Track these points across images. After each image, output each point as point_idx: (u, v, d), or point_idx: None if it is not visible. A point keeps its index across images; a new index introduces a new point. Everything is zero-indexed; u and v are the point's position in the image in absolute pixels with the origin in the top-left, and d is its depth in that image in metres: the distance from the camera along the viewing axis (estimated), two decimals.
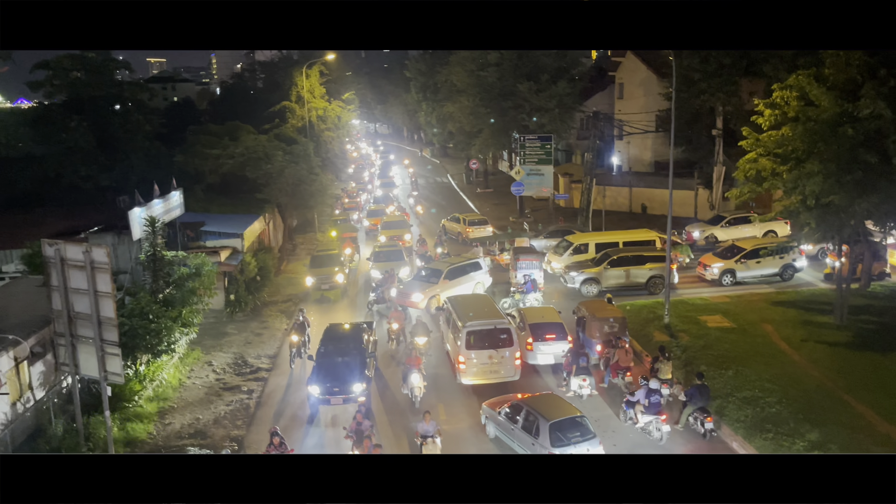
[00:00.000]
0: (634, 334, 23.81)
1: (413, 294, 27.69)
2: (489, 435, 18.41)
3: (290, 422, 19.67)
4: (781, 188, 23.03)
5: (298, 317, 24.06)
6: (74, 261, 15.62)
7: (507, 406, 17.64)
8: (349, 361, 20.25)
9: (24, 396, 17.13)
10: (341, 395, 19.51)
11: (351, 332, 22.72)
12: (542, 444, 15.90)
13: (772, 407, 18.17)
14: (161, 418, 19.79)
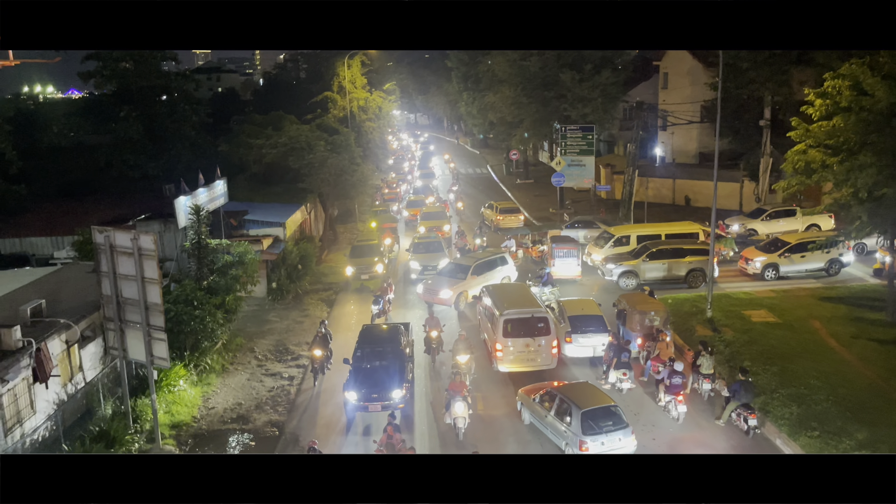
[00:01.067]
0: (676, 328, 23.45)
1: (441, 290, 27.06)
2: (524, 421, 18.60)
3: (329, 417, 19.16)
4: (831, 180, 22.38)
5: (320, 329, 21.95)
6: (123, 247, 16.01)
7: (541, 393, 17.90)
8: (388, 366, 19.30)
9: (74, 378, 17.66)
10: (380, 401, 18.35)
11: (388, 333, 21.36)
12: (573, 432, 16.01)
13: (818, 405, 17.73)
14: (205, 402, 20.22)
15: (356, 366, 19.56)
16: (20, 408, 15.31)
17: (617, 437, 15.90)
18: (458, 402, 17.39)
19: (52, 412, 16.27)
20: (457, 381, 18.15)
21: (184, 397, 19.57)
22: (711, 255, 25.04)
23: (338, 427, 18.57)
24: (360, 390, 18.54)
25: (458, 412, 17.36)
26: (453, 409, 17.43)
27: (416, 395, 20.09)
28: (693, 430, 17.76)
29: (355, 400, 18.51)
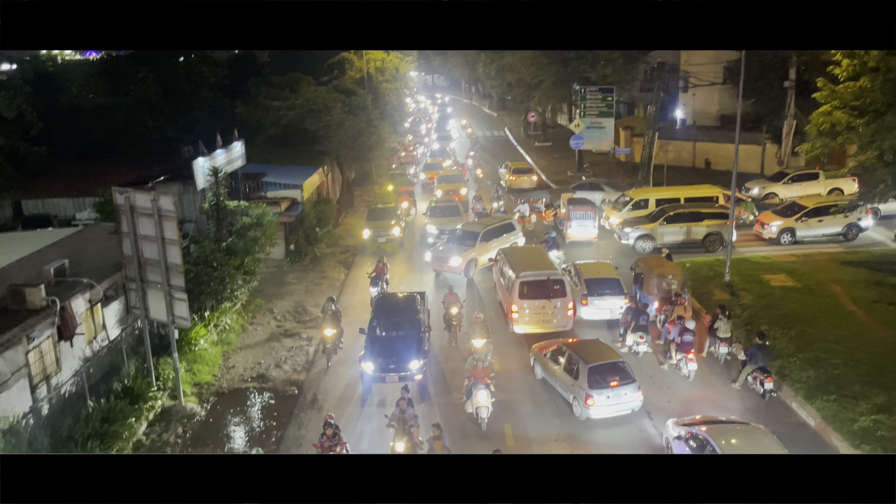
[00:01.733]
0: (694, 292, 23.38)
1: (451, 258, 26.54)
2: (537, 376, 19.04)
3: (345, 388, 18.91)
4: (856, 143, 21.97)
5: (330, 306, 20.65)
6: (143, 208, 16.16)
7: (552, 349, 18.30)
8: (404, 336, 18.95)
9: (98, 337, 18.00)
10: (397, 372, 18.00)
11: (404, 303, 20.87)
12: (580, 386, 16.47)
13: (836, 368, 17.68)
14: (225, 361, 20.57)
15: (372, 336, 19.14)
16: (46, 365, 15.67)
17: (623, 393, 16.34)
18: (481, 390, 16.22)
19: (77, 369, 16.64)
20: (478, 367, 16.90)
21: (204, 356, 19.91)
22: (731, 219, 24.80)
23: (354, 398, 18.37)
24: (376, 361, 18.19)
25: (480, 401, 16.19)
26: (475, 398, 16.27)
27: (433, 372, 19.44)
28: (708, 392, 17.82)
29: (372, 371, 18.16)
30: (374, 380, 18.26)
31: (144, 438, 16.39)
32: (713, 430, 13.98)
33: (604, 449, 15.66)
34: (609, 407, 16.36)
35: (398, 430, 14.48)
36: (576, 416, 16.98)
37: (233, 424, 17.32)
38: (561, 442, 16.00)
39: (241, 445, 16.35)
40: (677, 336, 18.66)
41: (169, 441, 16.39)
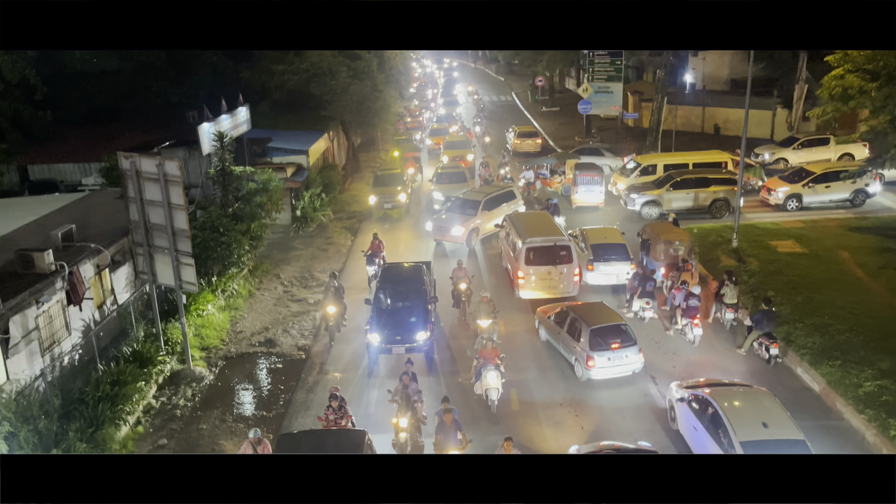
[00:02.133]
0: (701, 258, 23.33)
1: (452, 228, 26.07)
2: (541, 338, 19.33)
3: (350, 358, 18.73)
4: (868, 107, 21.70)
5: (332, 283, 19.91)
6: (149, 173, 16.13)
7: (556, 312, 18.55)
8: (411, 307, 18.59)
9: (106, 302, 18.13)
10: (404, 343, 17.67)
11: (410, 273, 20.45)
12: (582, 348, 16.69)
13: (842, 334, 17.69)
14: (233, 326, 20.71)
15: (377, 307, 18.80)
16: (55, 329, 15.80)
17: (624, 355, 16.57)
18: (491, 371, 15.56)
19: (86, 334, 16.78)
20: (488, 347, 16.18)
21: (212, 321, 20.05)
22: (740, 185, 24.61)
23: (360, 369, 18.20)
24: (382, 332, 17.83)
25: (490, 383, 15.54)
26: (485, 380, 15.60)
27: (441, 351, 18.85)
28: (713, 357, 17.88)
29: (378, 342, 17.80)
30: (381, 351, 17.93)
31: (154, 401, 16.60)
32: (715, 392, 14.05)
33: (608, 413, 15.79)
34: (610, 368, 16.59)
35: (401, 405, 14.16)
36: (577, 377, 17.14)
37: (241, 388, 17.51)
38: (566, 406, 16.13)
39: (250, 409, 16.54)
40: (683, 301, 18.69)
41: (178, 404, 16.59)
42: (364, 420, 15.56)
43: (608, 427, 15.23)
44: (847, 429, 14.81)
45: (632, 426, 15.23)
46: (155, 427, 15.74)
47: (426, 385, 16.76)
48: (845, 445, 14.21)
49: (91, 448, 13.59)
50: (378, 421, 15.48)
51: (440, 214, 27.39)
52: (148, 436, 15.42)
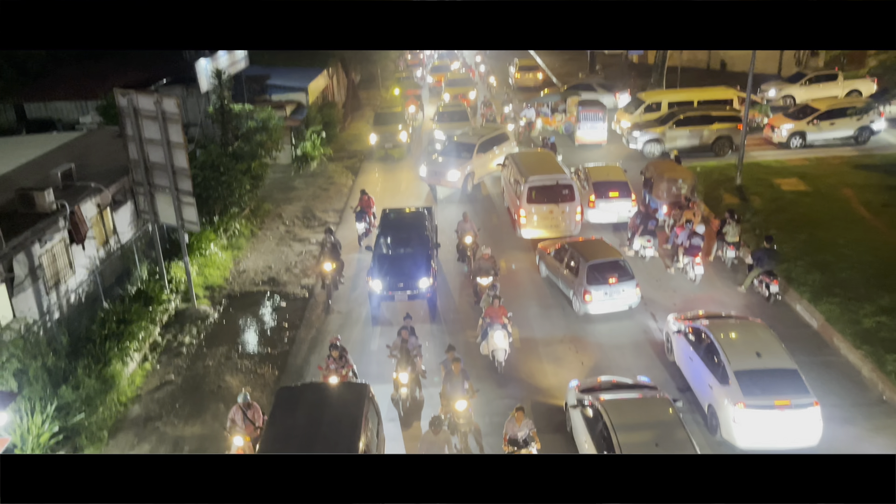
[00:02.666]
0: (704, 197, 23.23)
1: (448, 172, 25.16)
2: (542, 274, 19.55)
3: (352, 306, 18.35)
4: None
5: (328, 238, 19.02)
6: (147, 111, 15.92)
7: (556, 248, 18.69)
8: (413, 253, 18.13)
9: (109, 241, 18.16)
10: (407, 290, 17.35)
11: (412, 218, 19.94)
12: (580, 283, 16.89)
13: (843, 272, 17.75)
14: (235, 265, 20.81)
15: (379, 253, 18.39)
16: (59, 268, 15.88)
17: (621, 289, 16.75)
18: (497, 331, 14.90)
19: (90, 272, 16.88)
20: (495, 305, 15.36)
21: (215, 261, 20.13)
22: (745, 123, 24.29)
23: (362, 318, 17.91)
24: (384, 279, 17.41)
25: (497, 343, 14.89)
26: (492, 340, 14.97)
27: (445, 309, 18.02)
28: (713, 295, 17.99)
29: (380, 289, 17.40)
30: (383, 299, 17.60)
31: (160, 339, 16.82)
32: (711, 323, 14.24)
33: (608, 349, 15.99)
34: (606, 303, 16.81)
35: (401, 360, 13.89)
36: (574, 311, 17.34)
37: (245, 326, 17.70)
38: (566, 343, 16.32)
39: (255, 346, 16.75)
40: (685, 240, 18.70)
41: (184, 342, 16.80)
42: (367, 369, 15.34)
43: (608, 362, 15.45)
44: (843, 364, 15.01)
45: (631, 362, 15.44)
46: (162, 364, 15.99)
47: (429, 333, 16.81)
48: (841, 380, 14.43)
49: (100, 384, 13.82)
50: (381, 371, 15.10)
51: (435, 158, 26.40)
52: (155, 372, 15.67)
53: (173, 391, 15.01)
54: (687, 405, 13.58)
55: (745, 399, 12.24)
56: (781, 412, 12.14)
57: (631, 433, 10.93)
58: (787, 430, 12.20)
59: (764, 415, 12.15)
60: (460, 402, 12.78)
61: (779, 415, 12.14)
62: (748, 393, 12.30)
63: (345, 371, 13.91)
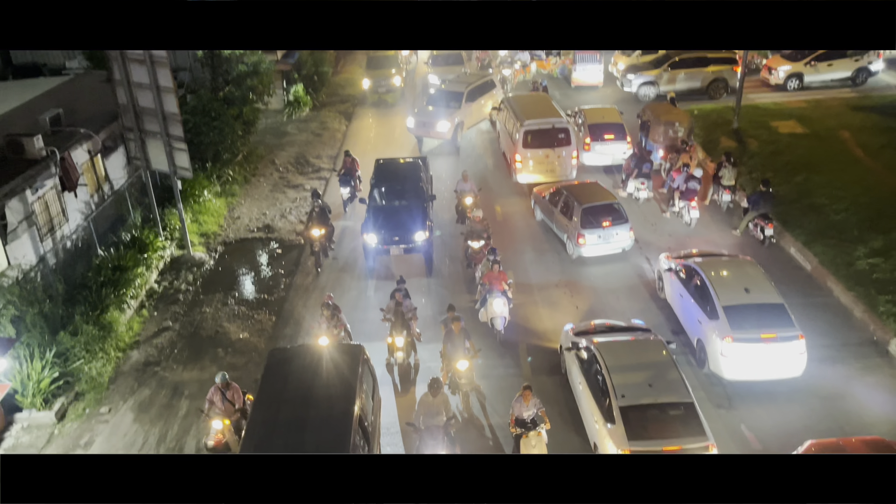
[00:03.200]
0: (701, 140, 23.05)
1: (438, 123, 24.10)
2: (536, 218, 19.57)
3: (346, 261, 17.91)
4: None
5: (315, 202, 17.90)
6: (134, 55, 15.57)
7: (551, 191, 18.68)
8: (408, 205, 17.62)
9: (101, 188, 18.01)
10: (402, 244, 16.97)
11: (406, 168, 19.29)
12: (574, 226, 16.98)
13: (838, 214, 17.76)
14: (230, 212, 20.71)
15: (373, 206, 17.87)
16: (52, 215, 15.78)
17: (614, 233, 16.86)
18: (497, 298, 14.18)
19: (83, 219, 16.78)
20: (494, 270, 14.63)
21: (209, 207, 20.02)
22: (743, 65, 23.95)
23: (356, 272, 17.54)
24: (379, 232, 17.02)
25: (496, 310, 14.19)
26: (490, 307, 14.28)
27: (442, 273, 17.16)
28: (708, 239, 18.03)
29: (375, 243, 17.02)
30: (378, 252, 17.22)
31: (157, 286, 16.84)
32: (702, 261, 14.45)
33: (602, 293, 16.08)
34: (600, 246, 16.92)
35: (395, 323, 13.38)
36: (569, 255, 17.42)
37: (241, 272, 17.72)
38: (561, 287, 16.41)
39: (252, 292, 16.80)
40: (682, 184, 18.63)
41: (180, 288, 16.84)
42: (361, 328, 14.82)
43: (602, 306, 15.56)
44: (836, 305, 15.16)
45: (625, 305, 15.56)
46: (159, 310, 16.05)
47: (426, 289, 16.58)
48: (833, 321, 14.59)
49: (98, 330, 13.90)
50: (375, 329, 14.57)
51: (422, 108, 25.34)
52: (153, 319, 15.74)
53: (171, 337, 15.11)
54: (680, 347, 13.76)
55: (732, 333, 12.54)
56: (767, 345, 12.45)
57: (624, 374, 11.08)
58: (773, 363, 12.56)
59: (751, 348, 12.47)
60: (462, 362, 12.47)
61: (765, 348, 12.46)
62: (736, 327, 12.59)
63: (337, 331, 13.43)
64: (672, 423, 10.42)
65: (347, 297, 16.24)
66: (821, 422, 11.93)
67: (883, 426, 11.72)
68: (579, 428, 11.93)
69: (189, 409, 12.89)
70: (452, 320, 12.88)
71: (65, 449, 12.04)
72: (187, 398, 13.20)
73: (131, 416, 12.76)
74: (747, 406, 12.44)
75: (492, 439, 12.11)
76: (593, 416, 11.14)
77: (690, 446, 10.08)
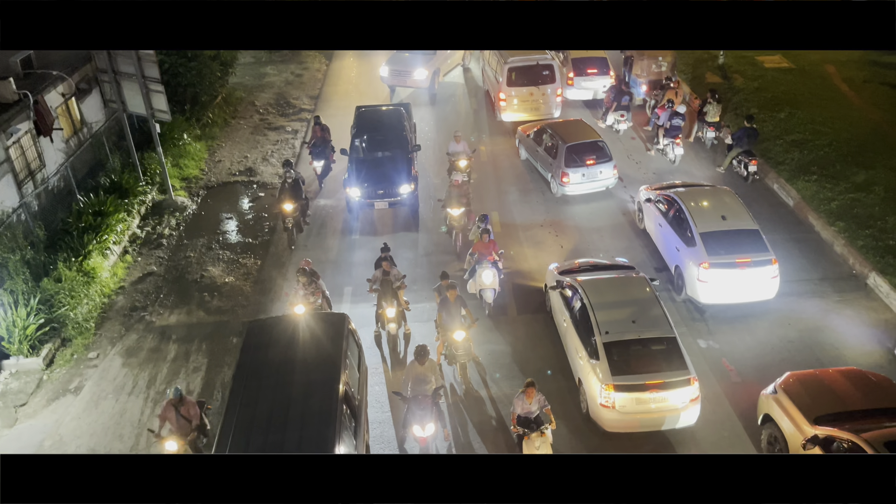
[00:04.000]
0: (685, 75, 22.84)
1: (415, 70, 22.80)
2: (521, 157, 19.50)
3: (327, 215, 17.12)
4: None
5: (288, 173, 16.13)
6: None
7: (535, 129, 18.59)
8: (392, 156, 16.85)
9: (78, 132, 17.63)
10: (387, 198, 16.29)
11: (388, 116, 18.31)
12: (558, 164, 17.00)
13: (821, 149, 17.82)
14: (211, 156, 20.41)
15: (355, 157, 16.98)
16: (29, 161, 15.48)
17: (598, 171, 16.93)
18: (487, 269, 13.27)
19: (61, 165, 16.48)
20: (484, 239, 13.73)
21: (190, 151, 19.70)
22: None
23: (339, 227, 16.77)
24: (362, 186, 16.24)
25: (485, 282, 13.29)
26: (480, 279, 13.38)
27: (431, 243, 15.94)
28: (692, 177, 18.05)
29: (358, 197, 16.30)
30: (362, 207, 16.51)
31: (139, 231, 16.70)
32: (680, 191, 14.74)
33: (586, 232, 16.16)
34: (583, 184, 16.99)
35: (383, 293, 12.59)
36: (552, 193, 17.44)
37: (225, 216, 17.58)
38: (546, 227, 16.46)
39: (236, 236, 16.71)
40: (667, 121, 18.55)
41: (164, 233, 16.72)
42: (341, 299, 14.17)
43: (586, 245, 15.66)
44: (817, 241, 15.35)
45: (610, 244, 15.67)
46: (143, 256, 15.96)
47: (413, 243, 15.93)
48: (813, 256, 14.81)
49: (81, 276, 13.82)
50: (362, 293, 13.94)
51: (397, 56, 23.67)
52: (137, 264, 15.67)
53: (156, 282, 15.08)
54: (663, 283, 13.94)
55: (709, 258, 12.93)
56: (742, 270, 12.87)
57: (608, 311, 11.24)
58: (748, 286, 12.98)
59: (726, 273, 12.87)
60: (458, 332, 11.69)
61: (740, 272, 12.86)
62: (712, 253, 12.99)
63: (314, 298, 12.55)
64: (655, 358, 10.63)
65: (328, 257, 15.53)
66: (799, 354, 12.23)
67: (859, 357, 12.05)
68: (564, 366, 12.16)
69: (177, 354, 12.97)
70: (448, 288, 12.05)
71: (54, 393, 12.13)
72: (175, 342, 13.27)
73: (120, 361, 12.83)
74: (728, 340, 12.71)
75: (493, 413, 11.51)
76: (578, 353, 11.34)
77: (672, 379, 10.32)
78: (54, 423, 11.54)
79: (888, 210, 15.32)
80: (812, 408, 9.63)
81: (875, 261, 13.89)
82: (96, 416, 11.64)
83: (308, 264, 13.09)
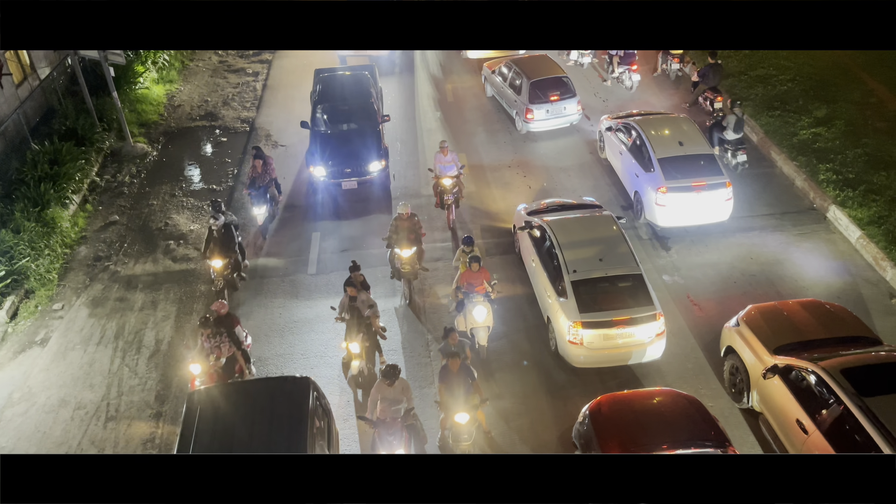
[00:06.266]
0: None
1: None
2: (487, 94, 19.44)
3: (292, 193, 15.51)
4: None
5: (216, 218, 12.39)
6: None
7: (500, 66, 18.50)
8: (360, 129, 15.37)
9: (28, 78, 16.95)
10: (355, 176, 14.82)
11: (352, 82, 16.63)
12: (522, 101, 17.03)
13: (784, 85, 17.93)
14: (170, 101, 19.83)
15: (318, 132, 15.45)
16: None
17: (563, 107, 17.00)
18: (479, 305, 10.92)
19: (11, 112, 15.87)
20: (473, 269, 11.07)
21: (147, 96, 19.13)
22: None
23: (301, 206, 15.22)
24: (327, 164, 14.80)
25: (477, 320, 10.98)
26: (471, 317, 11.00)
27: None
28: (652, 101, 18.24)
29: (323, 177, 14.87)
30: (328, 187, 15.15)
31: (98, 179, 16.29)
32: (639, 119, 15.07)
33: (554, 172, 16.16)
34: (548, 121, 17.04)
35: (350, 323, 10.63)
36: (517, 130, 17.46)
37: (187, 163, 17.20)
38: (514, 168, 16.43)
39: (199, 183, 16.39)
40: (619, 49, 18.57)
41: (124, 181, 16.33)
42: (302, 296, 12.44)
43: (554, 185, 15.70)
44: (779, 175, 15.59)
45: (577, 183, 15.73)
46: (103, 205, 15.62)
47: (385, 229, 12.91)
48: (775, 191, 15.06)
49: (41, 227, 13.50)
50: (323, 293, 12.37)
51: None
52: (98, 213, 15.34)
53: (119, 231, 14.80)
54: (630, 222, 14.10)
55: (666, 183, 13.37)
56: (698, 193, 13.35)
57: (576, 250, 11.35)
58: (703, 209, 13.51)
59: (683, 197, 13.34)
60: (461, 415, 9.20)
61: (696, 196, 13.34)
62: (669, 177, 13.44)
63: (214, 357, 10.07)
64: (621, 295, 10.82)
65: (292, 247, 14.05)
66: (760, 287, 12.55)
67: (817, 288, 12.41)
68: (533, 305, 12.32)
69: (144, 303, 12.84)
70: (451, 356, 9.36)
71: (20, 346, 11.98)
72: (141, 291, 13.12)
73: (86, 312, 12.68)
74: (692, 275, 12.97)
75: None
76: (546, 292, 11.48)
77: (638, 315, 10.54)
78: (22, 375, 11.44)
79: (848, 144, 15.57)
80: (772, 338, 9.93)
81: (835, 194, 14.18)
82: (65, 366, 11.56)
83: (221, 308, 10.42)
